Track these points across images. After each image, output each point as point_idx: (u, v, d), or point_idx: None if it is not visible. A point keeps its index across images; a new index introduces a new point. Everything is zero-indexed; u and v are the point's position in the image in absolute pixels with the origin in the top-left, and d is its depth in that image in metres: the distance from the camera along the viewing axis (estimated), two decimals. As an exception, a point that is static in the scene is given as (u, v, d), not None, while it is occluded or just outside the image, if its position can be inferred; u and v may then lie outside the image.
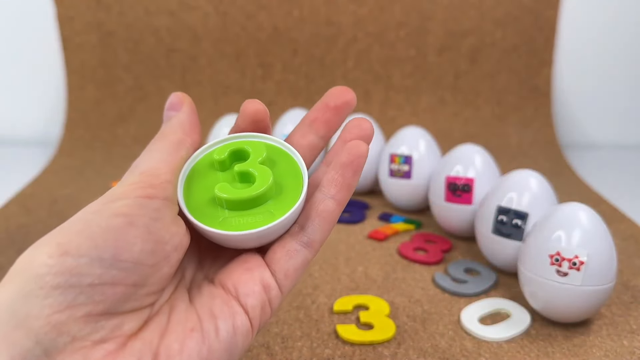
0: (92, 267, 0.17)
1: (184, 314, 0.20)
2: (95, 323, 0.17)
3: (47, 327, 0.16)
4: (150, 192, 0.19)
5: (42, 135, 0.76)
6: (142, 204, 0.19)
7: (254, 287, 0.21)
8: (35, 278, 0.16)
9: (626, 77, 0.77)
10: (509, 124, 0.74)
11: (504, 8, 0.72)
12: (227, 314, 0.20)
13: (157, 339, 0.19)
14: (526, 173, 0.39)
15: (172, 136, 0.22)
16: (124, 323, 0.18)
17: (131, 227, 0.18)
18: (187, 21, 0.72)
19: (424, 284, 0.39)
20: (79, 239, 0.17)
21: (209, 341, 0.19)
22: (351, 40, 0.74)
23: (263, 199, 0.22)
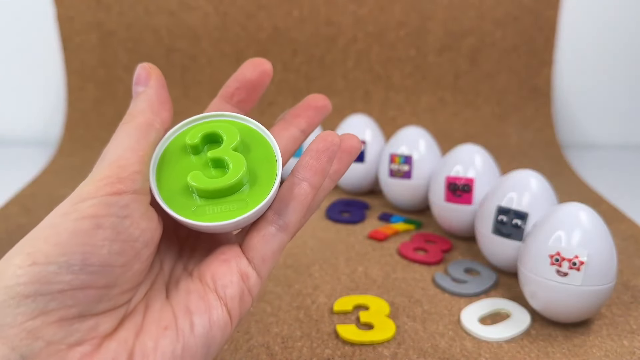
0: (60, 274, 0.17)
1: (158, 312, 0.20)
2: (69, 326, 0.17)
3: (22, 334, 0.16)
4: (118, 187, 0.19)
5: (42, 135, 0.76)
6: (109, 202, 0.18)
7: (232, 277, 0.21)
8: (6, 289, 0.16)
9: (626, 77, 0.77)
10: (509, 124, 0.74)
11: (504, 8, 0.72)
12: (203, 308, 0.20)
13: (132, 338, 0.19)
14: (526, 173, 0.39)
15: (140, 118, 0.21)
16: (98, 324, 0.18)
17: (98, 230, 0.18)
18: (187, 21, 0.72)
19: (424, 284, 0.39)
20: (47, 247, 0.17)
21: (183, 338, 0.19)
22: (351, 40, 0.73)
23: (237, 187, 0.21)
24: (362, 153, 0.53)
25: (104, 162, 0.20)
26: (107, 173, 0.19)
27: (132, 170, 0.20)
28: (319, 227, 0.49)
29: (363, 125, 0.55)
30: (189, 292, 0.21)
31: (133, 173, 0.20)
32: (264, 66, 0.26)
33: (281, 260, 0.42)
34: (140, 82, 0.23)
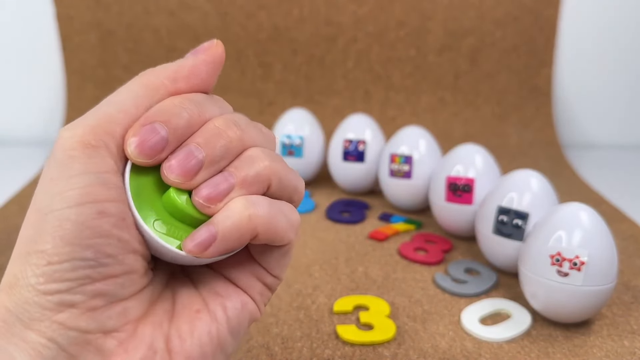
0: (77, 270, 0.16)
1: (187, 298, 0.20)
2: (100, 315, 0.17)
3: (55, 325, 0.16)
4: (115, 161, 0.17)
5: (42, 135, 0.76)
6: (107, 182, 0.17)
7: (255, 281, 0.21)
8: (28, 287, 0.16)
9: (626, 77, 0.77)
10: (509, 124, 0.74)
11: (504, 8, 0.72)
12: (233, 294, 0.20)
13: (167, 322, 0.19)
14: (527, 173, 0.39)
15: (148, 78, 0.19)
16: (127, 309, 0.18)
17: (104, 217, 0.17)
18: (186, 21, 0.72)
19: (425, 284, 0.39)
20: (55, 243, 0.16)
21: (217, 320, 0.19)
22: (351, 40, 0.73)
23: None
24: (362, 153, 0.53)
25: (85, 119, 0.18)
26: (96, 138, 0.17)
27: (121, 135, 0.18)
28: (319, 227, 0.49)
29: (363, 125, 0.55)
30: (217, 282, 0.20)
31: (119, 138, 0.18)
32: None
33: (281, 261, 0.42)
34: (195, 52, 0.20)
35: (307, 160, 0.56)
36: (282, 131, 0.56)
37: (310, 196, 0.56)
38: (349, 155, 0.54)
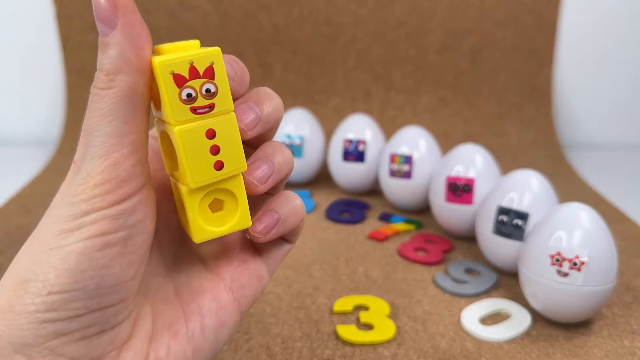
0: (77, 301, 0.17)
1: (168, 315, 0.20)
2: (90, 343, 0.17)
3: (45, 352, 0.16)
4: (121, 193, 0.17)
5: (41, 135, 0.76)
6: (115, 215, 0.17)
7: (251, 279, 0.22)
8: (24, 315, 0.16)
9: (627, 77, 0.77)
10: (510, 124, 0.74)
11: (504, 8, 0.72)
12: (215, 310, 0.21)
13: (146, 345, 0.19)
14: (527, 173, 0.39)
15: (118, 82, 0.17)
16: (116, 335, 0.18)
17: (107, 249, 0.17)
18: (186, 21, 0.72)
19: (425, 285, 0.39)
20: (58, 274, 0.16)
21: (194, 342, 0.20)
22: (351, 40, 0.73)
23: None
24: (362, 153, 0.53)
25: (93, 158, 0.17)
26: (102, 177, 0.17)
27: (130, 164, 0.17)
28: (319, 227, 0.49)
29: (363, 125, 0.55)
30: (203, 291, 0.21)
31: (132, 167, 0.17)
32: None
33: (281, 261, 0.42)
34: (105, 22, 0.17)
35: (307, 160, 0.56)
36: (282, 131, 0.56)
37: (310, 196, 0.56)
38: (349, 155, 0.54)
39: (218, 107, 0.18)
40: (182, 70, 0.17)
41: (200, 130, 0.18)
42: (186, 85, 0.18)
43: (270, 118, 0.20)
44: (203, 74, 0.18)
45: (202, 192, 0.19)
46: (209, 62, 0.18)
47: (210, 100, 0.18)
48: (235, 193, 0.20)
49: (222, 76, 0.18)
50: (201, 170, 0.18)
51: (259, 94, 0.20)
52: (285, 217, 0.21)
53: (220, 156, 0.19)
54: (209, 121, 0.18)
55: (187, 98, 0.18)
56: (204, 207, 0.19)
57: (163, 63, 0.17)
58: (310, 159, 0.57)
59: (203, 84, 0.18)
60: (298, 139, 0.56)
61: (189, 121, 0.18)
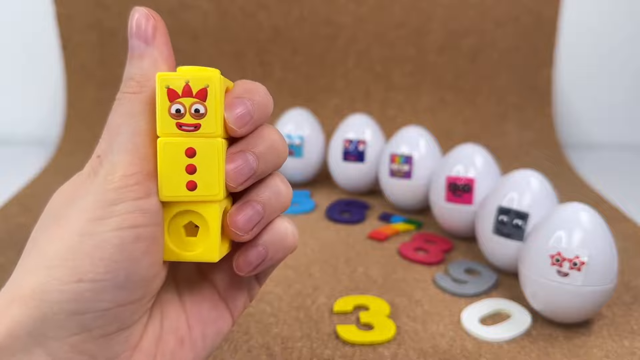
0: (106, 292, 0.16)
1: (175, 320, 0.20)
2: (110, 340, 0.17)
3: (66, 347, 0.16)
4: (148, 187, 0.18)
5: (41, 135, 0.76)
6: (144, 209, 0.17)
7: (242, 291, 0.22)
8: (49, 304, 0.16)
9: (626, 78, 0.77)
10: (510, 123, 0.74)
11: (504, 8, 0.72)
12: (214, 318, 0.21)
13: (154, 349, 0.19)
14: (527, 173, 0.39)
15: (149, 90, 0.18)
16: (131, 335, 0.18)
17: (138, 242, 0.17)
18: (186, 20, 0.72)
19: (425, 285, 0.39)
20: (92, 262, 0.16)
21: (196, 349, 0.20)
22: (351, 40, 0.73)
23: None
24: (362, 153, 0.53)
25: (120, 152, 0.17)
26: (131, 168, 0.17)
27: (152, 163, 0.18)
28: (319, 227, 0.49)
29: (363, 125, 0.55)
30: (203, 299, 0.21)
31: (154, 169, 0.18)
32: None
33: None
34: (142, 38, 0.18)
35: (307, 160, 0.56)
36: (282, 131, 0.56)
37: (310, 196, 0.56)
38: (349, 155, 0.54)
39: (204, 128, 0.18)
40: (176, 87, 0.18)
41: (180, 146, 0.18)
42: (177, 101, 0.18)
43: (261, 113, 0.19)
44: (195, 95, 0.18)
45: (172, 209, 0.19)
46: (204, 85, 0.18)
47: (197, 120, 0.18)
48: (207, 221, 0.19)
49: (215, 100, 0.18)
50: (172, 185, 0.18)
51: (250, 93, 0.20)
52: (274, 252, 0.20)
53: (195, 177, 0.19)
54: (191, 140, 0.18)
55: (176, 113, 0.18)
56: (176, 226, 0.19)
57: (161, 76, 0.18)
58: (310, 159, 0.57)
59: (193, 103, 0.18)
60: (298, 139, 0.56)
61: (173, 135, 0.18)
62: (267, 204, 0.19)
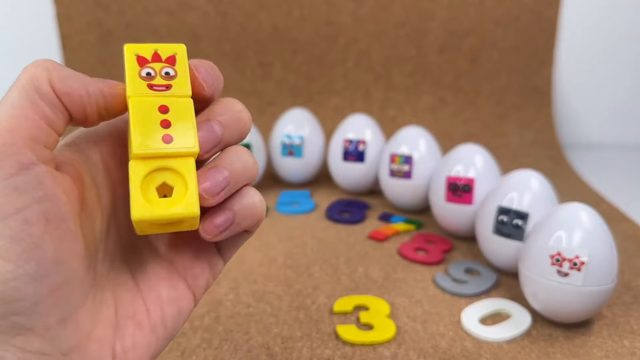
0: (25, 288, 0.16)
1: (130, 304, 0.20)
2: (57, 334, 0.17)
3: (13, 349, 0.16)
4: (26, 155, 0.16)
5: (41, 135, 0.76)
6: (18, 187, 0.16)
7: (203, 267, 0.21)
8: None
9: (626, 77, 0.77)
10: (510, 124, 0.74)
11: (504, 8, 0.72)
12: (174, 297, 0.20)
13: (112, 335, 0.19)
14: (527, 173, 0.39)
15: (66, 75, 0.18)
16: (79, 323, 0.17)
17: (27, 226, 0.16)
18: (186, 20, 0.72)
19: (425, 285, 0.39)
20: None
21: (157, 332, 0.20)
22: (351, 40, 0.73)
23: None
24: (362, 153, 0.53)
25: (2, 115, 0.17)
26: (11, 137, 0.16)
27: (31, 134, 0.17)
28: (319, 227, 0.49)
29: (363, 125, 0.55)
30: (160, 279, 0.21)
31: (29, 140, 0.17)
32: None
33: (281, 260, 0.42)
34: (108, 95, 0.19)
35: (307, 160, 0.56)
36: (282, 131, 0.56)
37: (310, 196, 0.56)
38: (349, 155, 0.54)
39: (175, 89, 0.19)
40: (145, 54, 0.19)
41: (153, 103, 0.19)
42: (147, 66, 0.19)
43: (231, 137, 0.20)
44: (165, 60, 0.19)
45: (147, 166, 0.18)
46: (172, 52, 0.19)
47: (168, 81, 0.19)
48: (184, 175, 0.19)
49: (183, 67, 0.19)
50: (148, 139, 0.18)
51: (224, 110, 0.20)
52: (241, 217, 0.20)
53: (170, 131, 0.19)
54: (163, 98, 0.19)
55: (146, 76, 0.19)
56: (149, 186, 0.19)
57: (130, 47, 0.19)
58: (310, 159, 0.57)
59: (163, 67, 0.19)
60: (298, 139, 0.56)
61: (145, 95, 0.19)
62: (233, 170, 0.19)
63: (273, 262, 0.41)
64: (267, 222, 0.49)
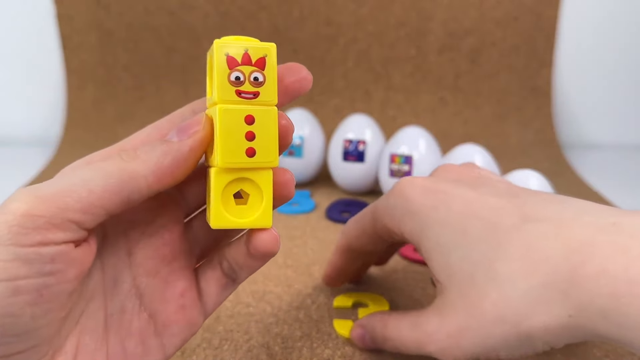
0: None
1: (91, 351, 0.18)
2: None
3: None
4: (47, 237, 0.15)
5: (41, 135, 0.76)
6: (30, 258, 0.15)
7: (183, 327, 0.21)
8: None
9: (626, 77, 0.77)
10: (510, 123, 0.74)
11: (504, 8, 0.72)
12: (139, 355, 0.20)
13: None
14: (526, 173, 0.39)
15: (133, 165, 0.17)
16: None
17: (16, 296, 0.15)
18: (187, 21, 0.72)
19: (425, 284, 0.39)
20: None
21: None
22: (351, 40, 0.73)
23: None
24: (362, 153, 0.53)
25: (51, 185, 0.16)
26: (40, 208, 0.15)
27: (72, 218, 0.16)
28: (319, 227, 0.49)
29: (363, 125, 0.55)
30: (130, 333, 0.20)
31: (70, 223, 0.16)
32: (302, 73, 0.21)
33: (281, 260, 0.42)
34: (181, 132, 0.19)
35: (307, 160, 0.56)
36: (282, 131, 0.56)
37: (310, 196, 0.56)
38: (349, 155, 0.54)
39: (263, 96, 0.19)
40: (236, 55, 0.19)
41: (240, 113, 0.19)
42: (236, 69, 0.19)
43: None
44: (254, 63, 0.19)
45: (229, 176, 0.19)
46: (263, 54, 0.19)
47: (256, 88, 0.19)
48: (262, 188, 0.19)
49: (272, 70, 0.19)
50: (232, 151, 0.19)
51: None
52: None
53: (254, 144, 0.19)
54: (251, 107, 0.19)
55: (235, 80, 0.19)
56: (228, 194, 0.19)
57: (220, 43, 0.19)
58: (310, 159, 0.57)
59: (252, 71, 0.19)
60: (298, 139, 0.56)
61: (232, 102, 0.19)
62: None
63: (273, 262, 0.41)
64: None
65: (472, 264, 0.21)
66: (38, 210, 0.15)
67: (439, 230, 0.22)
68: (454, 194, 0.23)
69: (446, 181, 0.24)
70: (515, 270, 0.19)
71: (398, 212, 0.25)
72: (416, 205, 0.24)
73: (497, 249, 0.20)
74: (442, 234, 0.22)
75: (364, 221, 0.28)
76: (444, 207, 0.23)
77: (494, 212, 0.21)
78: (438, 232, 0.22)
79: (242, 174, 0.19)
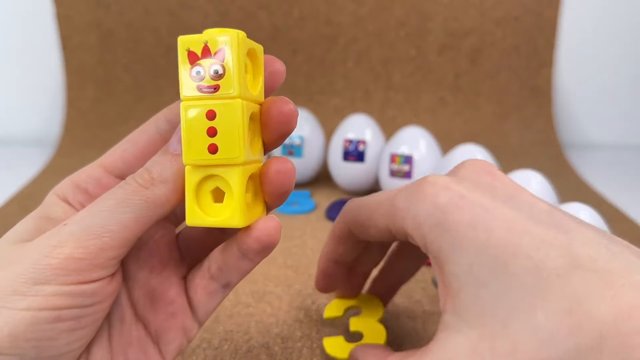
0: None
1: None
2: None
3: None
4: (89, 276, 0.17)
5: (41, 135, 0.76)
6: (74, 293, 0.17)
7: (176, 334, 0.21)
8: None
9: (627, 77, 0.77)
10: (510, 123, 0.74)
11: (504, 8, 0.72)
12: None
13: None
14: (527, 173, 0.39)
15: (157, 191, 0.18)
16: None
17: (58, 323, 0.16)
18: (186, 21, 0.72)
19: (425, 285, 0.39)
20: (2, 336, 0.16)
21: None
22: (351, 40, 0.73)
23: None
24: (362, 153, 0.53)
25: (83, 230, 0.17)
26: (81, 253, 0.17)
27: (112, 255, 0.17)
28: (319, 227, 0.49)
29: (363, 125, 0.54)
30: (130, 342, 0.20)
31: (111, 259, 0.17)
32: (275, 65, 0.22)
33: (281, 260, 0.42)
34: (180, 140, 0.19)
35: (307, 160, 0.56)
36: (282, 131, 0.56)
37: (310, 196, 0.56)
38: (349, 155, 0.54)
39: (223, 89, 0.18)
40: (196, 49, 0.18)
41: (200, 109, 0.18)
42: (197, 63, 0.18)
43: None
44: (214, 54, 0.18)
45: (198, 174, 0.19)
46: (222, 45, 0.18)
47: (216, 81, 0.18)
48: (230, 185, 0.18)
49: (233, 60, 0.18)
50: (195, 149, 0.18)
51: None
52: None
53: (215, 140, 0.18)
54: (211, 102, 0.18)
55: (196, 75, 0.18)
56: (204, 192, 0.19)
57: (183, 39, 0.18)
58: (310, 159, 0.57)
59: (212, 64, 0.18)
60: (298, 139, 0.56)
61: (195, 99, 0.18)
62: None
63: (273, 262, 0.41)
64: (267, 222, 0.49)
65: (509, 306, 0.18)
66: (79, 253, 0.17)
67: (475, 258, 0.19)
68: (494, 213, 0.20)
69: (481, 191, 0.21)
70: (559, 325, 0.17)
71: (427, 221, 0.21)
72: (451, 221, 0.20)
73: (541, 295, 0.18)
74: (478, 264, 0.19)
75: (376, 213, 0.25)
76: (483, 228, 0.19)
77: (540, 247, 0.18)
78: (473, 260, 0.19)
79: (210, 171, 0.19)
